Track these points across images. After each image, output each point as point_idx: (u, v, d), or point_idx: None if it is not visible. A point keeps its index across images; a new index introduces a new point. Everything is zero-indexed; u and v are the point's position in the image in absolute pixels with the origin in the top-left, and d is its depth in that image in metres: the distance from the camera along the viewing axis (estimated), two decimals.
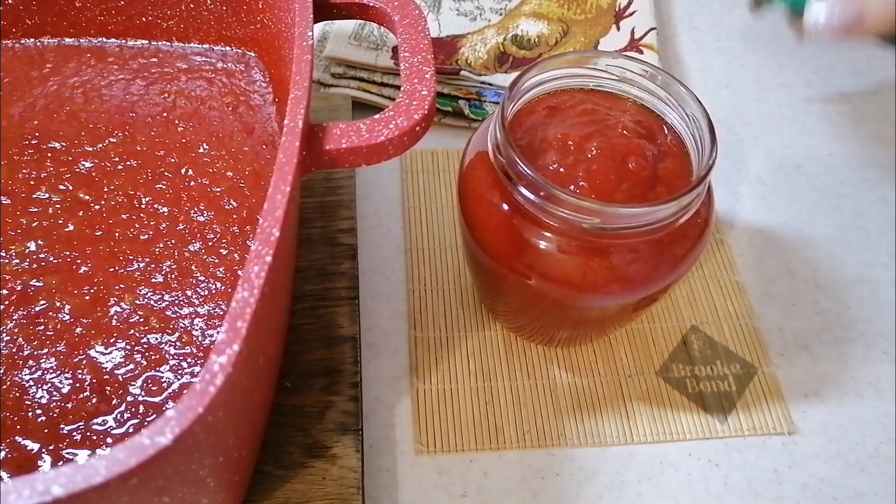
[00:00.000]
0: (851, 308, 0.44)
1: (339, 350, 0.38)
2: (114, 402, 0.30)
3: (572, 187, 0.31)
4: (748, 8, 0.43)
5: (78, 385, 0.30)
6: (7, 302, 0.32)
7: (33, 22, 0.41)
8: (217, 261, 0.34)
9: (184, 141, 0.38)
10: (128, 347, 0.32)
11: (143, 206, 0.36)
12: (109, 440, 0.29)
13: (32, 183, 0.36)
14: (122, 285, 0.33)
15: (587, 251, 0.31)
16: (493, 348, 0.41)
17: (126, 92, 0.40)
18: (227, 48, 0.42)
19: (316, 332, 0.39)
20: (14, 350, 0.31)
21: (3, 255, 0.34)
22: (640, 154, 0.32)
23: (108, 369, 0.31)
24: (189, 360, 0.32)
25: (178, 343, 0.32)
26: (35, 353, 0.31)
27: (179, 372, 0.31)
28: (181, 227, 0.35)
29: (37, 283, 0.33)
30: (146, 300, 0.33)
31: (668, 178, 0.32)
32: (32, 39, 0.42)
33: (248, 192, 0.37)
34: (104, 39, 0.42)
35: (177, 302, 0.33)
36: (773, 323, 0.44)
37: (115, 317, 0.32)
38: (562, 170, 0.32)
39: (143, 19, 0.41)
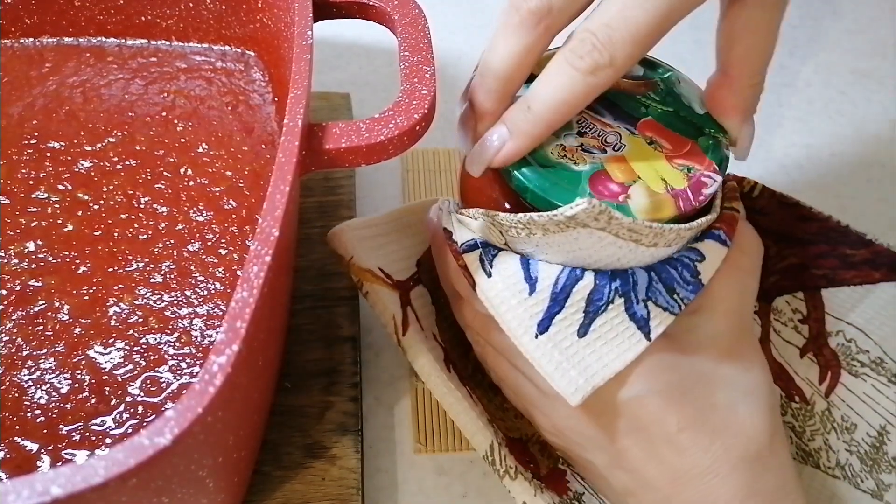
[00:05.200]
0: None
1: (339, 350, 0.38)
2: (113, 402, 0.30)
3: None
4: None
5: (77, 385, 0.30)
6: (6, 302, 0.32)
7: (32, 21, 0.41)
8: (216, 261, 0.34)
9: (183, 140, 0.38)
10: (127, 348, 0.32)
11: (142, 206, 0.36)
12: (108, 440, 0.29)
13: (31, 183, 0.36)
14: (121, 285, 0.33)
15: None
16: None
17: (125, 91, 0.40)
18: (227, 47, 0.42)
19: (316, 332, 0.39)
20: (13, 350, 0.31)
21: (2, 255, 0.34)
22: None
23: (107, 370, 0.31)
24: (188, 360, 0.31)
25: (177, 343, 0.32)
26: (34, 353, 0.31)
27: (178, 372, 0.31)
28: (180, 226, 0.35)
29: (36, 284, 0.33)
30: (145, 300, 0.33)
31: None
32: (31, 39, 0.42)
33: (248, 192, 0.37)
34: (103, 39, 0.42)
35: (176, 302, 0.33)
36: None
37: (114, 317, 0.32)
38: None
39: (143, 18, 0.41)
